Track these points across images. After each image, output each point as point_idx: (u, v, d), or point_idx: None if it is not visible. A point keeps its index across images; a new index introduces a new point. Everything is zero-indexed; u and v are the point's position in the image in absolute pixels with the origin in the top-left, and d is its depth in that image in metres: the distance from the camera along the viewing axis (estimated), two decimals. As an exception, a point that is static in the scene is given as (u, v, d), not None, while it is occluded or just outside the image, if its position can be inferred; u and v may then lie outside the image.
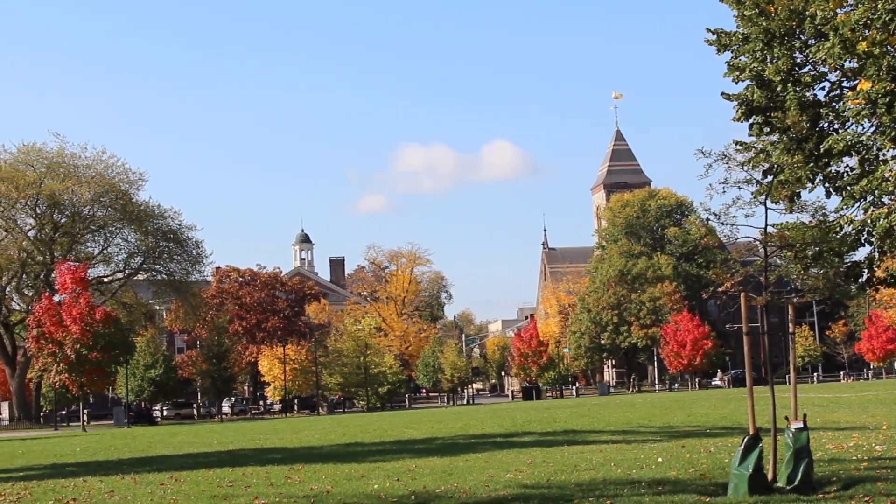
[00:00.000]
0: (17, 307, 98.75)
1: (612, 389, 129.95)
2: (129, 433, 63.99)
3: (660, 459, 22.73)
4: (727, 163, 19.02)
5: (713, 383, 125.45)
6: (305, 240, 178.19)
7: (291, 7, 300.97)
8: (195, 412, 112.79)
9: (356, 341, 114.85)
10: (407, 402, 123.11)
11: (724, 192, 18.97)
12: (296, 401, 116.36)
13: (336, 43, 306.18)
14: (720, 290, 22.04)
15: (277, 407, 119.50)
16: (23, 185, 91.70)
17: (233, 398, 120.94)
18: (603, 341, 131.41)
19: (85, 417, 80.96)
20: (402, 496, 18.42)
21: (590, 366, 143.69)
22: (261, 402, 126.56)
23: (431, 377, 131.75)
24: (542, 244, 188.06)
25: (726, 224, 19.01)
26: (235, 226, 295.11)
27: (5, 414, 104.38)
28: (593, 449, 27.03)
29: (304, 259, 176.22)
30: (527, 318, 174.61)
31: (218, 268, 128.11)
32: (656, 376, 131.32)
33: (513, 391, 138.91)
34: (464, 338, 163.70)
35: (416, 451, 29.72)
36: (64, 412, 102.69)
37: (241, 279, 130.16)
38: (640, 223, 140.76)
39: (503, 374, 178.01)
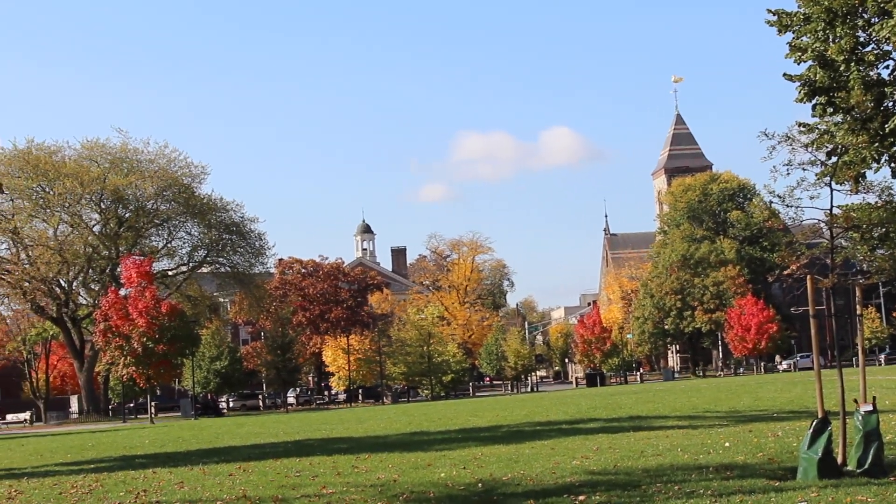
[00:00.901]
0: (84, 301, 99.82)
1: (676, 375, 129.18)
2: (196, 425, 64.55)
3: (727, 444, 22.59)
4: (791, 144, 18.75)
5: (778, 367, 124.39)
6: (367, 230, 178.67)
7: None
8: (260, 403, 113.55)
9: (419, 330, 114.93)
10: (471, 391, 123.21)
11: (788, 174, 18.72)
12: (360, 390, 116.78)
13: (394, 32, 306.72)
14: (785, 273, 21.76)
15: (342, 397, 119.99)
16: (87, 180, 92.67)
17: (297, 389, 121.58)
18: (666, 326, 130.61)
19: (152, 410, 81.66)
20: (468, 484, 18.43)
21: (653, 351, 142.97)
22: (325, 393, 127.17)
23: (495, 365, 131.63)
24: (604, 230, 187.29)
25: (791, 206, 18.79)
26: (297, 217, 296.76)
27: (74, 407, 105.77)
28: (659, 434, 26.91)
29: (365, 249, 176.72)
30: (589, 304, 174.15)
31: (281, 259, 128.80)
32: (721, 361, 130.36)
33: (576, 378, 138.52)
34: (526, 325, 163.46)
35: (481, 439, 29.72)
36: (131, 405, 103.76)
37: (303, 270, 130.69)
38: (701, 207, 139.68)
39: (567, 360, 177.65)
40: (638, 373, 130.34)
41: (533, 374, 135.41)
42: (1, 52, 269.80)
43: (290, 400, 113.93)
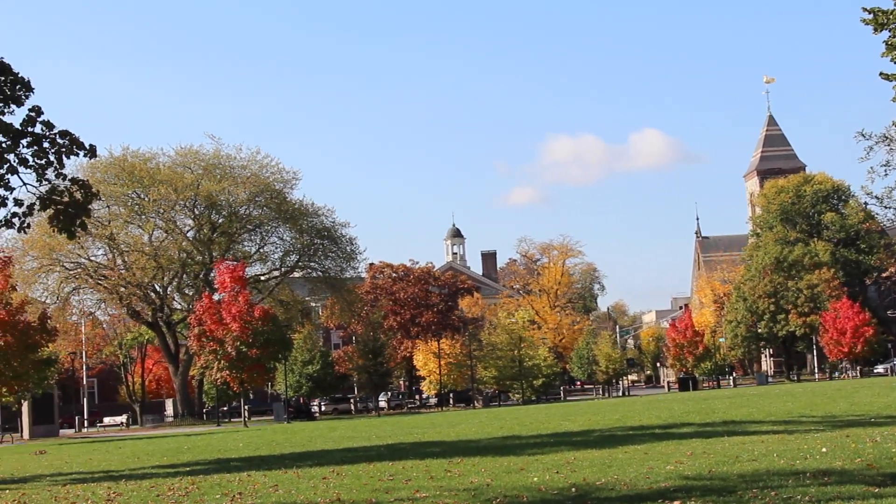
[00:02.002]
0: (179, 306, 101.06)
1: (770, 379, 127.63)
2: (289, 428, 65.02)
3: (823, 450, 22.28)
4: (889, 145, 18.51)
5: (875, 371, 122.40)
6: (457, 234, 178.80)
7: (435, 1, 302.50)
8: (352, 407, 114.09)
9: (510, 334, 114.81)
10: (562, 395, 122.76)
11: (886, 174, 18.50)
12: (451, 394, 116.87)
13: (482, 36, 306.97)
14: (884, 275, 21.46)
15: (433, 401, 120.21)
16: (181, 187, 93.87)
17: (389, 392, 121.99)
18: (760, 330, 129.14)
19: (246, 413, 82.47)
20: (562, 489, 18.38)
21: (747, 355, 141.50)
22: (416, 396, 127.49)
23: (586, 369, 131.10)
24: (695, 233, 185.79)
25: (889, 208, 18.55)
26: (388, 222, 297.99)
27: (169, 410, 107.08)
28: (754, 439, 26.62)
29: (455, 253, 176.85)
30: (681, 308, 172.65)
31: (371, 264, 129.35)
32: (816, 365, 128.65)
33: (668, 382, 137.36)
34: (618, 329, 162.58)
35: (573, 444, 29.61)
36: (225, 408, 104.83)
37: (394, 275, 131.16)
38: (795, 209, 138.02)
39: (658, 364, 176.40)
40: (731, 377, 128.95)
41: (624, 378, 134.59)
42: (97, 60, 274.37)
43: (382, 404, 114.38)
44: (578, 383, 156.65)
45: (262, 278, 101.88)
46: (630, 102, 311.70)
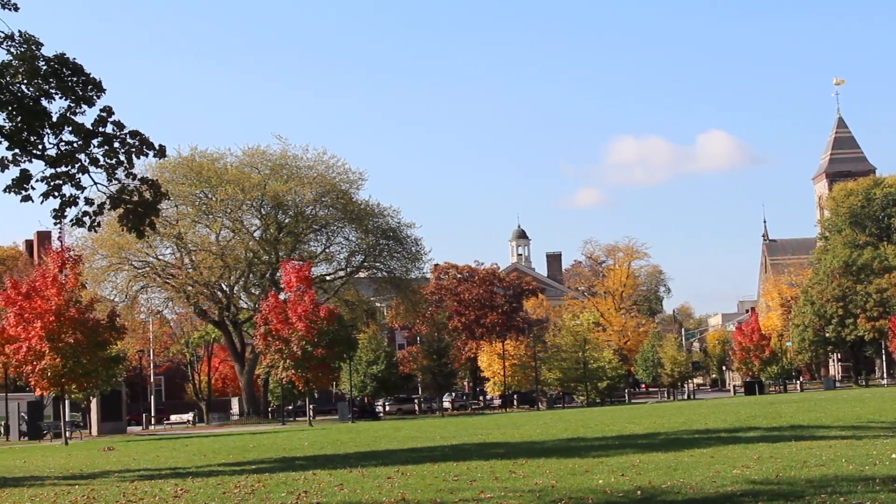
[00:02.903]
0: (245, 305, 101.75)
1: (837, 384, 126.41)
2: (353, 428, 65.24)
3: (893, 455, 22.03)
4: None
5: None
6: (522, 235, 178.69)
7: (501, 3, 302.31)
8: (416, 407, 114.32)
9: (574, 336, 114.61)
10: (626, 397, 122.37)
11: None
12: (515, 396, 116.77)
13: (548, 38, 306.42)
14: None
15: (497, 402, 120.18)
16: (248, 187, 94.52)
17: (453, 393, 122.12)
18: (827, 334, 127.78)
19: (311, 412, 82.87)
20: (627, 491, 18.31)
21: (814, 360, 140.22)
22: (480, 397, 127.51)
23: (651, 372, 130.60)
24: (763, 236, 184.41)
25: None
26: (453, 223, 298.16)
27: (235, 408, 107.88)
28: (822, 444, 26.37)
29: (520, 254, 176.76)
30: (747, 311, 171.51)
31: (437, 265, 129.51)
32: (884, 370, 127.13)
33: (734, 386, 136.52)
34: (683, 332, 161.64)
35: (638, 446, 29.48)
36: (290, 407, 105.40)
37: (459, 275, 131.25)
38: (865, 212, 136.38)
39: (724, 368, 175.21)
40: (798, 381, 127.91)
41: (690, 381, 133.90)
42: (167, 60, 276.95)
43: (446, 404, 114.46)
44: (643, 386, 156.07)
45: (328, 278, 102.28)
46: (697, 104, 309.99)
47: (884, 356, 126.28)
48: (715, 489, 17.87)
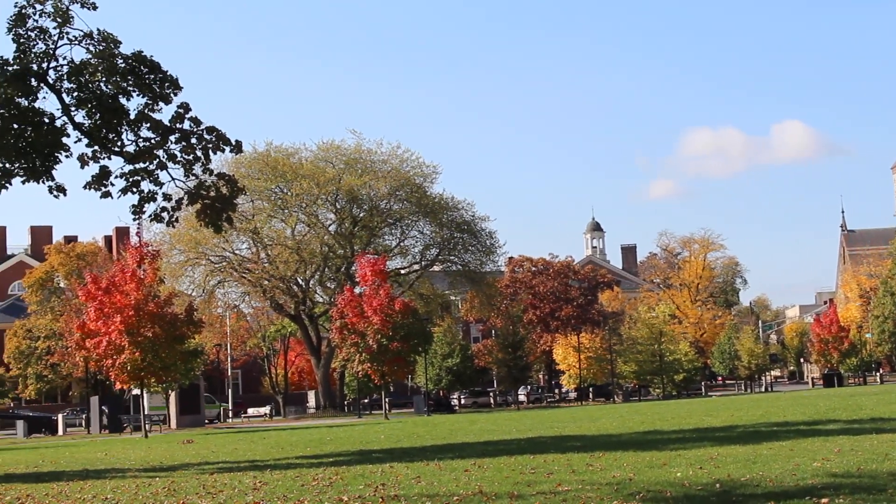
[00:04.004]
0: (321, 299, 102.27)
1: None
2: (429, 421, 65.38)
3: (978, 448, 21.73)
4: None
5: None
6: (596, 228, 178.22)
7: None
8: (491, 400, 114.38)
9: (650, 329, 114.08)
10: (703, 390, 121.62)
11: None
12: (591, 389, 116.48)
13: (622, 30, 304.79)
14: None
15: (572, 395, 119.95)
16: (323, 181, 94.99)
17: (528, 386, 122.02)
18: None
19: (387, 406, 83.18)
20: (706, 484, 18.21)
21: (894, 352, 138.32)
22: (556, 391, 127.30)
23: (728, 364, 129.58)
24: (841, 226, 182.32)
25: None
26: (527, 216, 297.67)
27: (311, 402, 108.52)
28: (904, 437, 26.07)
29: (595, 247, 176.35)
30: (825, 302, 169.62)
31: (511, 258, 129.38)
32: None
33: (812, 378, 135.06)
34: (760, 324, 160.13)
35: (716, 439, 29.29)
36: (366, 400, 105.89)
37: (534, 268, 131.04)
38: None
39: (802, 360, 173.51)
40: (878, 374, 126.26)
41: (767, 373, 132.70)
42: (242, 55, 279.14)
43: (521, 397, 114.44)
44: (720, 378, 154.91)
45: (403, 272, 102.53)
46: (772, 94, 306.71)
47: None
48: (795, 482, 17.72)
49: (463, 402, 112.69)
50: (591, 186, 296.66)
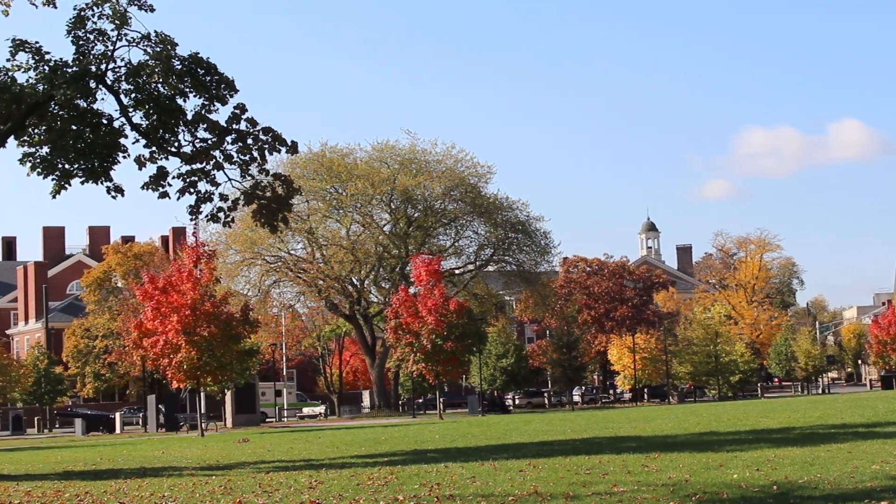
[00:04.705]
0: (375, 299, 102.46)
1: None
2: (483, 421, 65.38)
3: None
4: None
5: None
6: (651, 228, 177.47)
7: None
8: (546, 400, 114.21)
9: (706, 329, 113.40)
10: (759, 391, 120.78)
11: None
12: (645, 389, 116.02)
13: (676, 29, 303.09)
14: None
15: (627, 396, 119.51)
16: (378, 181, 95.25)
17: (583, 387, 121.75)
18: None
19: (441, 405, 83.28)
20: (763, 486, 18.11)
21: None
22: (610, 391, 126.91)
23: (784, 366, 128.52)
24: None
25: None
26: (581, 216, 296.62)
27: (366, 401, 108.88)
28: (965, 440, 25.80)
29: (650, 247, 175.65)
30: (884, 303, 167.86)
31: (566, 258, 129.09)
32: None
33: (871, 380, 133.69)
34: (817, 325, 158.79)
35: (773, 441, 29.12)
36: (420, 400, 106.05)
37: (588, 269, 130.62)
38: None
39: (860, 362, 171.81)
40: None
41: (824, 375, 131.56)
42: (298, 55, 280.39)
43: (576, 398, 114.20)
44: (776, 380, 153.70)
45: (457, 272, 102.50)
46: (829, 92, 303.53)
47: None
48: (853, 485, 17.58)
49: (517, 402, 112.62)
50: (645, 186, 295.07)
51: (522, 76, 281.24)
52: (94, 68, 30.48)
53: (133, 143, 31.33)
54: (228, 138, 31.42)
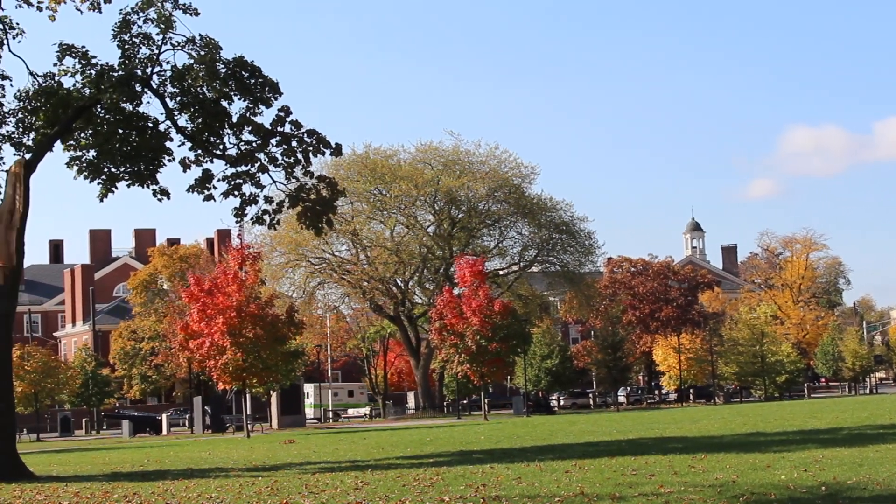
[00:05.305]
0: (420, 300, 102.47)
1: None
2: (528, 422, 65.32)
3: None
4: None
5: None
6: (696, 228, 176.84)
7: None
8: (591, 401, 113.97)
9: (752, 329, 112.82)
10: (805, 392, 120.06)
11: None
12: (691, 390, 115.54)
13: (719, 29, 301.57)
14: None
15: (672, 396, 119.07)
16: (421, 183, 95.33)
17: (628, 387, 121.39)
18: None
19: (486, 406, 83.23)
20: (811, 487, 18.00)
21: None
22: (656, 392, 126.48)
23: (831, 366, 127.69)
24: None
25: None
26: (626, 216, 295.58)
27: (411, 403, 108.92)
28: None
29: (695, 247, 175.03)
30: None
31: (610, 258, 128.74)
32: None
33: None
34: (864, 325, 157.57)
35: (820, 441, 28.93)
36: (465, 401, 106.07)
37: (633, 269, 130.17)
38: None
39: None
40: None
41: (872, 375, 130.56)
42: (339, 57, 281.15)
43: (621, 399, 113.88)
44: (823, 380, 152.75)
45: (501, 273, 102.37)
46: (874, 91, 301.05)
47: None
48: (903, 486, 17.46)
49: (562, 403, 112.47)
50: (690, 186, 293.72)
51: (565, 77, 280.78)
52: (139, 72, 30.74)
53: (178, 146, 31.57)
54: (273, 141, 31.58)
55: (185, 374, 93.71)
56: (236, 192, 31.75)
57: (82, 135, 31.06)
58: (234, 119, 31.26)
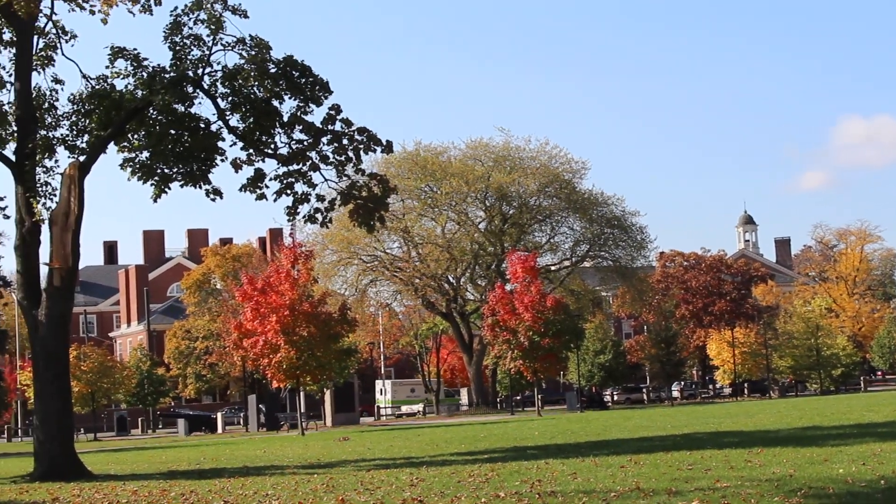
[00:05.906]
0: (472, 297, 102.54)
1: None
2: (582, 417, 65.21)
3: None
4: None
5: None
6: (749, 221, 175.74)
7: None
8: (645, 396, 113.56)
9: (806, 323, 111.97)
10: (862, 385, 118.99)
11: None
12: (746, 384, 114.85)
13: (770, 20, 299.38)
14: None
15: (727, 391, 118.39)
16: (472, 179, 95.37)
17: (682, 382, 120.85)
18: None
19: (539, 402, 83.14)
20: (870, 481, 17.84)
21: None
22: (710, 386, 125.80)
23: (888, 359, 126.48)
24: None
25: None
26: (677, 210, 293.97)
27: (465, 399, 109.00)
28: None
29: (748, 240, 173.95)
30: None
31: (662, 252, 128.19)
32: None
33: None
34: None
35: (879, 435, 28.67)
36: (518, 397, 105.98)
37: (685, 263, 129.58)
38: None
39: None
40: None
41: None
42: (389, 55, 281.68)
43: (675, 393, 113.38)
44: (879, 373, 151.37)
45: (553, 268, 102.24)
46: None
47: None
48: (964, 479, 17.29)
49: (615, 398, 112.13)
50: (742, 179, 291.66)
51: (615, 72, 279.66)
52: (191, 73, 30.96)
53: (230, 146, 31.75)
54: (324, 139, 31.68)
55: (240, 373, 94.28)
56: (288, 191, 31.89)
57: (135, 136, 31.33)
58: (285, 118, 31.40)
